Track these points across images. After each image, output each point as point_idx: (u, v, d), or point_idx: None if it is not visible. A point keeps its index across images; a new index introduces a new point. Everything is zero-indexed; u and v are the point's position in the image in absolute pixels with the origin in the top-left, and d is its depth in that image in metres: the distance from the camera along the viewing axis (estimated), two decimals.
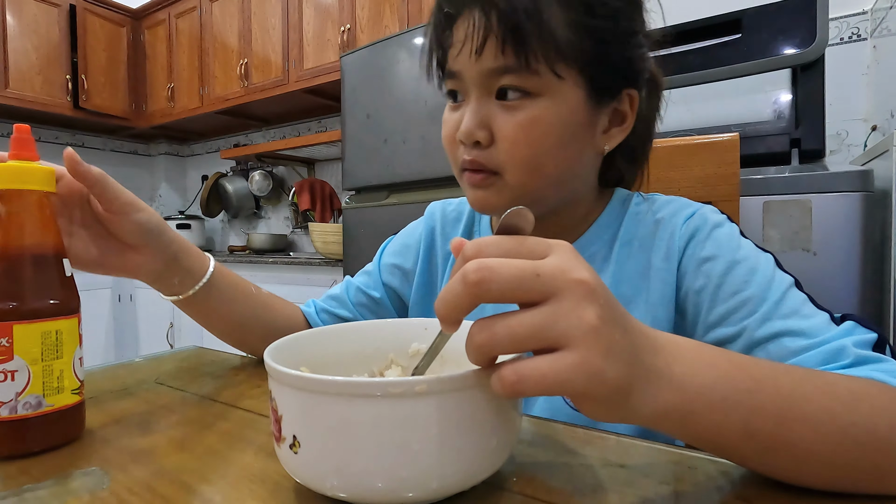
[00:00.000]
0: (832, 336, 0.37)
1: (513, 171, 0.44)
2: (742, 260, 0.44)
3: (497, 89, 0.44)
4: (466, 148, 0.45)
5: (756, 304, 0.42)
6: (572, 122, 0.44)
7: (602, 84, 0.45)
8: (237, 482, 0.31)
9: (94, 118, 3.12)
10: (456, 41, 0.44)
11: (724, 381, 0.27)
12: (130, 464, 0.33)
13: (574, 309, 0.23)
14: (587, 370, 0.23)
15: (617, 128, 0.48)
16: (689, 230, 0.48)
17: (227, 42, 2.86)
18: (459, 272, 0.23)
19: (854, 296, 0.97)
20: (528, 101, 0.43)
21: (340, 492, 0.26)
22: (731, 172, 0.66)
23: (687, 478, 0.30)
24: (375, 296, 0.64)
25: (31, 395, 0.36)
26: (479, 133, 0.44)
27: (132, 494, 0.29)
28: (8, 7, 2.74)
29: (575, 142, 0.45)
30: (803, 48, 1.23)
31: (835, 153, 1.60)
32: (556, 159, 0.45)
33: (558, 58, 0.42)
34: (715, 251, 0.46)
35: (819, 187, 0.99)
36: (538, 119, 0.43)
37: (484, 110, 0.44)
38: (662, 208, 0.51)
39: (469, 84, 0.45)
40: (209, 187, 3.25)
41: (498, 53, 0.42)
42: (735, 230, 0.48)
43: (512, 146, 0.43)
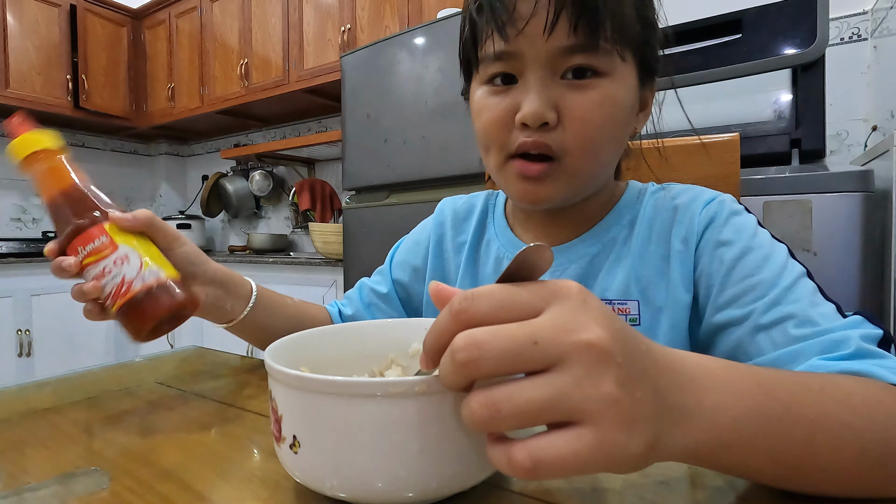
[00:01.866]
0: (837, 326, 0.37)
1: (578, 152, 0.43)
2: (756, 247, 0.44)
3: (565, 69, 0.42)
4: (528, 130, 0.43)
5: (765, 289, 0.41)
6: (630, 101, 0.45)
7: (647, 68, 0.47)
8: (237, 482, 0.31)
9: (94, 118, 3.12)
10: (518, 18, 0.41)
11: (755, 412, 0.25)
12: (130, 464, 0.33)
13: (587, 378, 0.20)
14: (609, 449, 0.20)
15: (641, 112, 0.50)
16: (709, 215, 0.48)
17: (227, 42, 2.86)
18: (448, 352, 0.21)
19: (854, 296, 0.97)
20: (598, 80, 0.42)
21: (340, 492, 0.26)
22: (731, 172, 0.66)
23: (687, 478, 0.30)
24: (383, 291, 0.65)
25: (150, 269, 0.42)
26: (549, 114, 0.42)
27: (132, 494, 0.29)
28: (8, 7, 2.74)
29: (629, 123, 0.46)
30: (804, 48, 1.23)
31: (835, 153, 1.60)
32: (616, 139, 0.45)
33: (624, 39, 0.42)
34: (731, 236, 0.46)
35: (819, 187, 0.99)
36: (610, 97, 0.42)
37: (550, 91, 0.42)
38: (681, 195, 0.52)
39: (532, 63, 0.42)
40: (209, 187, 3.25)
41: (570, 32, 0.40)
42: (752, 220, 0.48)
43: (584, 126, 0.42)
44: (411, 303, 0.66)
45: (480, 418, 0.21)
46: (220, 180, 3.22)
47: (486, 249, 0.59)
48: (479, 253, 0.60)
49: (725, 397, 0.25)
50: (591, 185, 0.49)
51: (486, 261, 0.59)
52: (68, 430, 0.40)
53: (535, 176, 0.44)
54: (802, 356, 0.37)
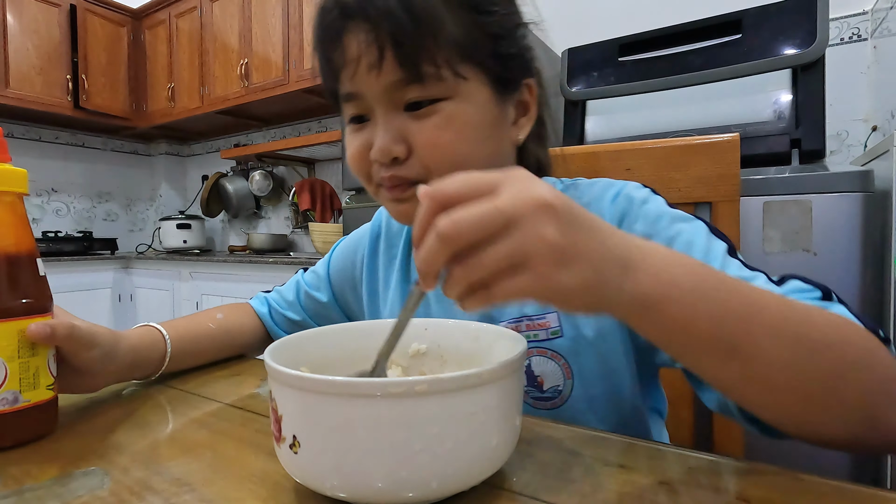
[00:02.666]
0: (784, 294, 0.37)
1: (436, 176, 0.42)
2: (676, 235, 0.43)
3: (406, 103, 0.43)
4: (383, 166, 0.44)
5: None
6: (485, 117, 0.44)
7: (503, 77, 0.45)
8: (237, 482, 0.31)
9: (94, 118, 3.12)
10: (349, 61, 0.42)
11: (695, 276, 0.29)
12: (130, 464, 0.33)
13: (533, 228, 0.24)
14: (546, 282, 0.25)
15: (524, 118, 0.49)
16: (619, 212, 0.47)
17: (227, 42, 2.86)
18: (431, 230, 0.25)
19: (854, 296, 0.97)
20: (440, 104, 0.42)
21: (340, 492, 0.26)
22: (731, 172, 0.65)
23: (687, 478, 0.30)
24: (322, 299, 0.65)
25: (9, 392, 0.36)
26: (396, 148, 0.43)
27: (132, 494, 0.29)
28: (8, 7, 2.74)
29: (490, 137, 0.45)
30: (803, 48, 1.23)
31: (835, 153, 1.60)
32: (477, 157, 0.44)
33: (458, 59, 0.42)
34: (648, 229, 0.45)
35: (819, 187, 0.99)
36: (452, 119, 0.42)
37: (395, 124, 0.43)
38: (586, 192, 0.50)
39: (374, 101, 0.43)
40: (209, 187, 3.25)
41: (397, 66, 0.41)
42: (661, 203, 0.47)
43: (432, 151, 0.43)
44: (350, 311, 0.65)
45: (457, 278, 0.25)
46: (220, 180, 3.22)
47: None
48: (410, 266, 0.59)
49: (667, 260, 0.29)
50: None
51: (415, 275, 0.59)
52: (68, 429, 0.40)
53: (403, 197, 0.45)
54: None
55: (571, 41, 1.65)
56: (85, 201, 3.43)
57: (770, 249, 1.02)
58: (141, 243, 3.55)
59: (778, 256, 1.01)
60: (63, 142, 3.36)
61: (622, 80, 1.48)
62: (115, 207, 3.59)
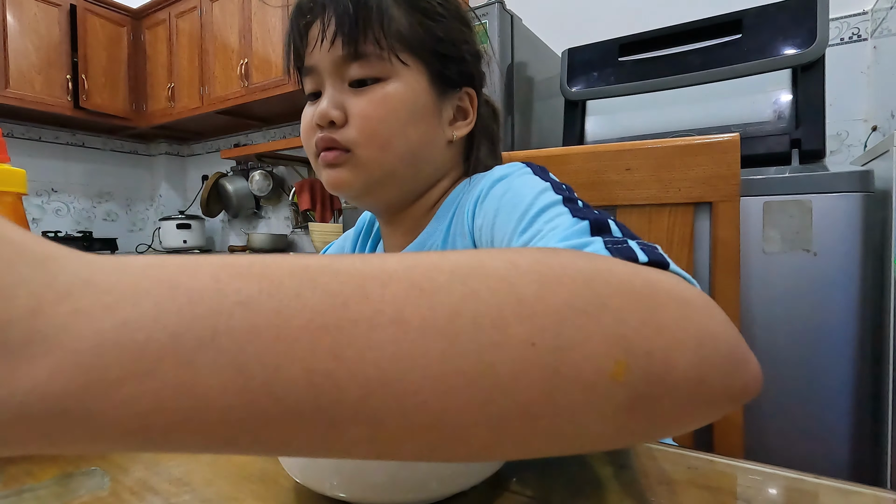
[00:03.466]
0: (552, 242, 0.31)
1: (364, 145, 0.47)
2: (507, 203, 0.41)
3: (351, 79, 0.47)
4: (321, 129, 0.48)
5: (508, 243, 0.38)
6: (418, 103, 0.48)
7: (442, 75, 0.50)
8: (237, 482, 0.31)
9: (94, 118, 3.12)
10: (311, 40, 0.48)
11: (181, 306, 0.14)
12: (130, 464, 0.33)
13: None
14: None
15: (462, 121, 0.53)
16: (474, 201, 0.47)
17: (227, 42, 2.86)
18: None
19: (854, 296, 0.97)
20: (379, 84, 0.47)
21: (340, 492, 0.26)
22: (731, 173, 0.66)
23: (687, 478, 0.30)
24: None
25: None
26: (333, 112, 0.47)
27: (132, 494, 0.29)
28: (8, 7, 2.74)
29: (422, 123, 0.49)
30: (803, 48, 1.23)
31: (835, 153, 1.60)
32: (405, 136, 0.48)
33: (401, 47, 0.47)
34: (487, 209, 0.44)
35: (819, 187, 0.99)
36: (387, 96, 0.47)
37: (339, 95, 0.48)
38: (473, 189, 0.49)
39: (324, 75, 0.48)
40: (209, 187, 3.25)
41: (348, 42, 0.46)
42: (515, 176, 0.44)
43: (363, 121, 0.47)
44: None
45: None
46: (220, 180, 3.22)
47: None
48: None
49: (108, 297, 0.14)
50: (393, 179, 0.50)
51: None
52: None
53: (333, 162, 0.48)
54: None
55: (571, 41, 1.65)
56: (85, 201, 3.43)
57: (770, 249, 1.02)
58: (141, 243, 3.55)
59: (778, 256, 1.01)
60: (63, 142, 3.36)
61: (622, 80, 1.48)
62: (115, 207, 3.59)
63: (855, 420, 0.97)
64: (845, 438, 0.96)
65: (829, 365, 0.97)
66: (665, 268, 0.24)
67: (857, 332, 0.96)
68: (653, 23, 1.49)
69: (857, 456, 0.97)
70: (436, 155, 0.52)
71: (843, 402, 0.97)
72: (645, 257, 0.25)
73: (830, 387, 0.97)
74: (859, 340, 0.96)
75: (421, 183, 0.53)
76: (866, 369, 0.97)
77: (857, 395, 0.97)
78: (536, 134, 1.78)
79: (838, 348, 0.97)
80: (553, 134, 1.82)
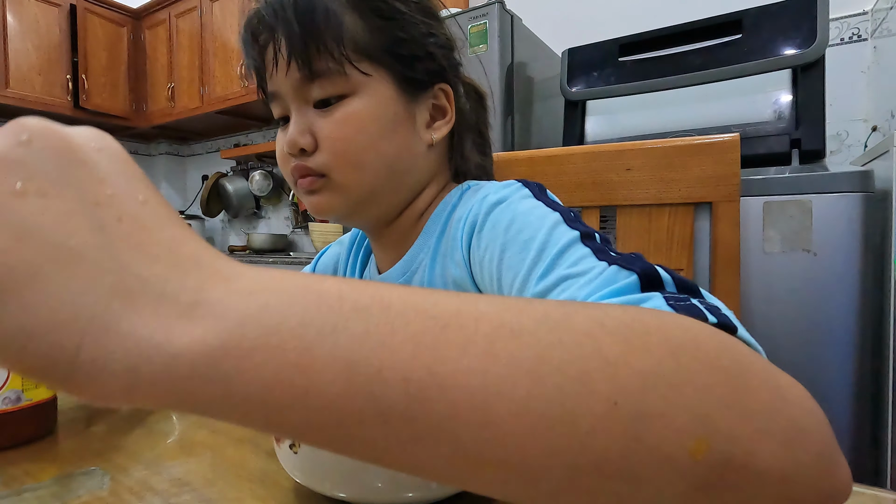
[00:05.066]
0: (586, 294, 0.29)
1: (338, 168, 0.45)
2: (514, 236, 0.38)
3: (314, 100, 0.45)
4: (293, 157, 0.47)
5: (523, 286, 0.35)
6: (388, 113, 0.46)
7: (409, 78, 0.47)
8: (237, 482, 0.31)
9: (94, 118, 3.12)
10: (267, 64, 0.46)
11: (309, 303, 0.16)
12: (130, 464, 0.33)
13: None
14: None
15: (441, 120, 0.50)
16: (469, 227, 0.44)
17: (227, 42, 2.86)
18: None
19: (854, 296, 0.97)
20: (343, 101, 0.45)
21: (340, 492, 0.26)
22: (731, 173, 0.66)
23: None
24: None
25: (11, 391, 0.37)
26: (301, 140, 0.45)
27: (132, 494, 0.29)
28: (8, 7, 2.74)
29: (395, 134, 0.46)
30: (803, 48, 1.23)
31: (835, 153, 1.60)
32: (378, 151, 0.46)
33: (359, 56, 0.44)
34: (487, 241, 0.41)
35: (819, 188, 0.99)
36: (353, 113, 0.44)
37: (304, 119, 0.46)
38: (463, 202, 0.48)
39: (288, 100, 0.46)
40: (209, 187, 3.25)
41: (303, 63, 0.44)
42: (512, 206, 0.41)
43: (332, 143, 0.45)
44: None
45: None
46: (220, 180, 3.22)
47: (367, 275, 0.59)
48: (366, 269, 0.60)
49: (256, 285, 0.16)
50: (376, 197, 0.48)
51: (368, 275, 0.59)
52: (68, 429, 0.40)
53: (310, 188, 0.47)
54: None
55: (571, 41, 1.65)
56: None
57: (770, 250, 1.02)
58: None
59: (778, 256, 1.01)
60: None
61: (622, 80, 1.48)
62: None
63: (855, 420, 0.97)
64: (845, 438, 0.97)
65: (828, 365, 0.97)
66: (734, 332, 0.22)
67: (857, 332, 0.96)
68: (653, 23, 1.49)
69: (857, 456, 0.97)
70: (417, 163, 0.49)
71: (843, 402, 0.97)
72: (713, 319, 0.22)
73: (830, 387, 0.97)
74: (859, 340, 0.96)
75: (405, 195, 0.50)
76: (866, 369, 0.97)
77: (856, 395, 0.97)
78: (536, 134, 1.78)
79: (838, 348, 0.97)
80: (553, 134, 1.82)
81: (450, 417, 0.16)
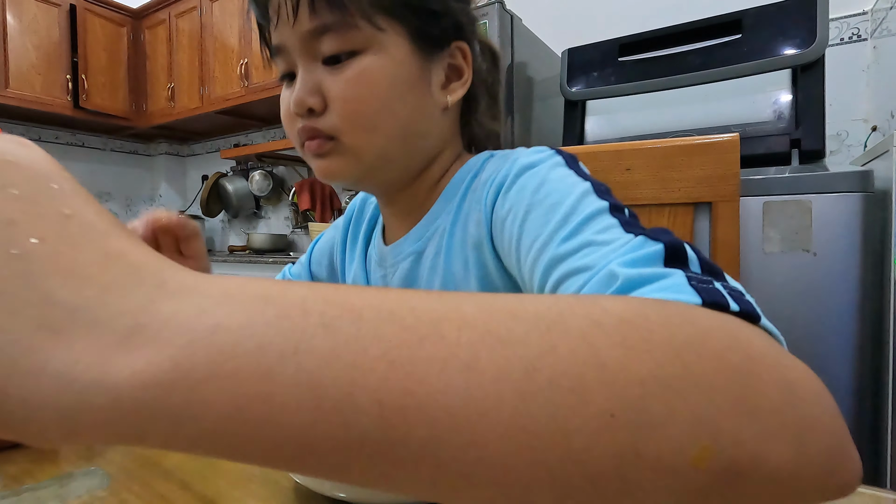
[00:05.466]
0: (604, 263, 0.28)
1: (349, 130, 0.42)
2: (541, 199, 0.37)
3: (323, 56, 0.42)
4: (301, 118, 0.44)
5: (545, 246, 0.34)
6: (402, 73, 0.43)
7: (426, 34, 0.44)
8: (237, 482, 0.31)
9: (94, 118, 3.12)
10: (272, 13, 0.43)
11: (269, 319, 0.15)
12: (130, 464, 0.33)
13: None
14: None
15: (456, 82, 0.47)
16: (496, 187, 0.42)
17: (227, 42, 2.86)
18: None
19: (854, 296, 0.97)
20: (354, 59, 0.41)
21: (340, 492, 0.26)
22: (731, 173, 0.66)
23: None
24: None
25: None
26: (310, 99, 0.42)
27: (132, 494, 0.29)
28: (8, 7, 2.74)
29: (410, 95, 0.44)
30: (803, 48, 1.23)
31: (835, 153, 1.60)
32: (392, 113, 0.43)
33: (374, 10, 0.41)
34: (512, 203, 0.39)
35: (819, 188, 0.99)
36: (365, 72, 0.41)
37: (313, 77, 0.42)
38: (490, 166, 0.46)
39: (294, 54, 0.43)
40: (209, 187, 3.25)
41: (313, 14, 0.41)
42: (543, 170, 0.39)
43: (343, 104, 0.42)
44: None
45: None
46: (220, 180, 3.22)
47: (371, 256, 0.57)
48: (369, 244, 0.58)
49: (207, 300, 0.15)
50: (389, 161, 0.45)
51: (369, 268, 0.56)
52: None
53: (320, 152, 0.44)
54: None
55: (571, 41, 1.65)
56: None
57: (770, 249, 1.02)
58: None
59: (778, 256, 1.01)
60: (63, 142, 3.36)
61: (622, 80, 1.48)
62: (115, 207, 3.59)
63: (855, 420, 0.97)
64: None
65: (828, 365, 0.97)
66: (756, 321, 0.21)
67: (857, 332, 0.96)
68: (653, 23, 1.49)
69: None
70: (431, 127, 0.47)
71: (843, 402, 0.97)
72: (736, 306, 0.21)
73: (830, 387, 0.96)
74: (859, 340, 0.96)
75: (419, 160, 0.48)
76: (866, 369, 0.97)
77: (856, 395, 0.97)
78: (536, 134, 1.78)
79: (838, 348, 0.97)
80: (553, 134, 1.82)
81: (430, 440, 0.14)
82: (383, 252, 0.53)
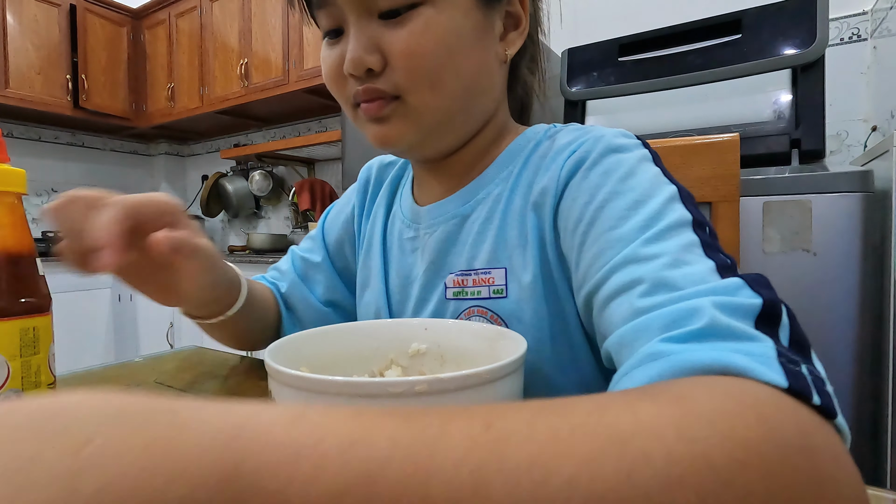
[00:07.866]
0: (695, 292, 0.26)
1: (414, 89, 0.40)
2: (626, 191, 0.35)
3: (379, 10, 0.39)
4: (358, 80, 0.41)
5: (623, 245, 0.32)
6: (467, 25, 0.40)
7: None
8: None
9: (94, 118, 3.12)
10: None
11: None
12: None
13: None
14: None
15: (514, 32, 0.45)
16: (577, 159, 0.39)
17: (227, 42, 2.86)
18: None
19: (854, 296, 0.97)
20: (416, 11, 0.38)
21: None
22: (731, 173, 0.65)
23: None
24: (316, 260, 0.60)
25: (11, 391, 0.37)
26: (369, 58, 0.39)
27: None
28: (8, 7, 2.74)
29: (475, 49, 0.41)
30: (803, 48, 1.23)
31: (835, 153, 1.60)
32: (458, 69, 0.40)
33: None
34: (597, 181, 0.37)
35: (819, 188, 0.99)
36: (430, 25, 0.38)
37: (368, 33, 0.39)
38: (563, 136, 0.43)
39: (345, 9, 0.40)
40: (209, 187, 3.25)
41: None
42: (633, 157, 0.37)
43: (408, 60, 0.39)
44: (349, 271, 0.60)
45: None
46: (220, 180, 3.22)
47: (395, 215, 0.54)
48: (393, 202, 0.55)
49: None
50: (450, 124, 0.43)
51: (392, 229, 0.54)
52: None
53: (381, 115, 0.41)
54: (645, 334, 0.26)
55: (571, 41, 1.65)
56: None
57: (770, 250, 1.02)
58: None
59: (778, 257, 1.01)
60: (63, 142, 3.36)
61: (622, 80, 1.48)
62: None
63: (854, 420, 0.97)
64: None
65: (828, 365, 0.97)
66: (832, 417, 0.21)
67: (857, 332, 0.96)
68: (653, 23, 1.49)
69: (857, 456, 0.97)
70: (493, 83, 0.44)
71: (843, 402, 0.97)
72: (818, 399, 0.20)
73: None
74: (859, 340, 0.96)
75: (477, 120, 0.45)
76: (866, 369, 0.97)
77: (856, 395, 0.97)
78: None
79: (838, 348, 0.97)
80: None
81: None
82: (417, 212, 0.50)
